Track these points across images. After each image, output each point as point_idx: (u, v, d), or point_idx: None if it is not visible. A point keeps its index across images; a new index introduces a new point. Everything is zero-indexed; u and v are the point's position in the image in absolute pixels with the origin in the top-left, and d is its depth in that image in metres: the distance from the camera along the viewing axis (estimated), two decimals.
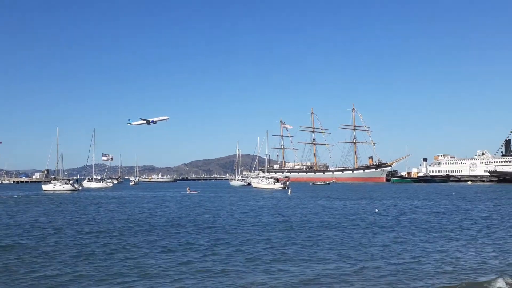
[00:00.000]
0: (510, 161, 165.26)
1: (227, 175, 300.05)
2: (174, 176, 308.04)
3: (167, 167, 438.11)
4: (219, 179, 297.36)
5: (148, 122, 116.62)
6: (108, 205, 50.89)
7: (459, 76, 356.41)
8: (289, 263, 17.35)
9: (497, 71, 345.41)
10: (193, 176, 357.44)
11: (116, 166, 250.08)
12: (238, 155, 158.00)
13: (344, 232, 26.66)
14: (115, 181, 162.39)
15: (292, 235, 24.96)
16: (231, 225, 30.18)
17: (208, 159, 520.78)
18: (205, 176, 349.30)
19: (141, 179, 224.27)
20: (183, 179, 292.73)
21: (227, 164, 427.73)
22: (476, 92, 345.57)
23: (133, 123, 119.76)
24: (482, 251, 20.26)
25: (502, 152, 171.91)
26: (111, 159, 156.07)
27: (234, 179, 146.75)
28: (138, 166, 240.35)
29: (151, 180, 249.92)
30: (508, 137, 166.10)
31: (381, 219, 33.79)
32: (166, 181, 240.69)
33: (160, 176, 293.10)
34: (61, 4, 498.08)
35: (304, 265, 17.08)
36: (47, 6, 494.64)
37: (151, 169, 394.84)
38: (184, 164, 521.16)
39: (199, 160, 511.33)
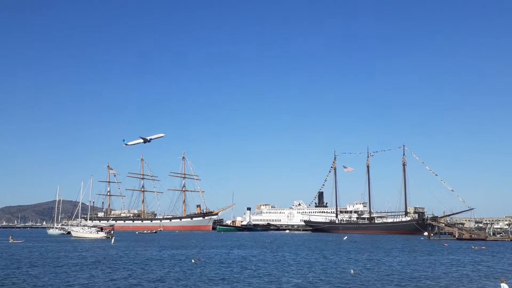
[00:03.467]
0: (322, 212, 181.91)
1: (44, 222, 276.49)
2: None
3: None
4: (35, 227, 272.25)
5: (146, 141, 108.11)
6: None
7: (278, 127, 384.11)
8: None
9: (308, 125, 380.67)
10: (4, 223, 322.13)
11: None
12: (59, 201, 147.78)
13: None
14: None
15: None
16: None
17: (24, 205, 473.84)
18: (19, 224, 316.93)
19: None
20: None
21: (45, 211, 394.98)
22: (292, 144, 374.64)
23: (129, 143, 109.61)
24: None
25: (315, 203, 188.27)
26: None
27: (52, 227, 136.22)
28: None
29: None
30: (321, 189, 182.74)
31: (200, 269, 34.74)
32: None
33: None
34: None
35: None
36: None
37: None
38: None
39: (13, 206, 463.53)
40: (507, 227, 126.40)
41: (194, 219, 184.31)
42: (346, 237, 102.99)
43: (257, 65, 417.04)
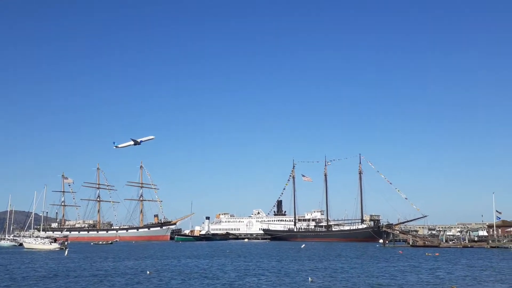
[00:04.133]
0: (281, 220, 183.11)
1: None
2: None
3: None
4: None
5: (137, 143, 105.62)
6: None
7: (236, 136, 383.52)
8: None
9: (267, 134, 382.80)
10: None
11: None
12: (10, 211, 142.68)
13: None
14: None
15: None
16: None
17: None
18: None
19: None
20: None
21: None
22: (254, 154, 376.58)
23: (119, 146, 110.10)
24: None
25: (274, 211, 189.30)
26: None
27: (4, 239, 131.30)
28: None
29: None
30: (279, 198, 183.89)
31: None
32: None
33: None
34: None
35: None
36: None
37: None
38: None
39: None
40: (459, 234, 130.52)
41: (151, 229, 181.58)
42: (304, 245, 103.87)
43: (216, 74, 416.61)
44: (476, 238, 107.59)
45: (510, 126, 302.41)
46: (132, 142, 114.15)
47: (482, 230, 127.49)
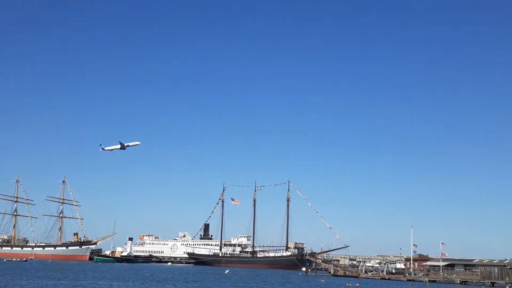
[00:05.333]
0: (207, 244, 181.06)
1: None
2: None
3: None
4: None
5: (123, 147, 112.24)
6: None
7: (165, 155, 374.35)
8: None
9: (197, 155, 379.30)
10: None
11: None
12: None
13: None
14: None
15: None
16: None
17: None
18: None
19: None
20: None
21: None
22: (183, 175, 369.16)
23: (106, 148, 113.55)
24: None
25: (201, 235, 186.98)
26: None
27: None
28: None
29: None
30: (207, 221, 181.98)
31: None
32: None
33: None
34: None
35: None
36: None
37: None
38: None
39: None
40: (378, 265, 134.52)
41: (70, 248, 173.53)
42: (228, 270, 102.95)
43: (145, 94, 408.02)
44: (394, 270, 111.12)
45: (430, 163, 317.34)
46: (119, 146, 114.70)
47: (399, 262, 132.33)
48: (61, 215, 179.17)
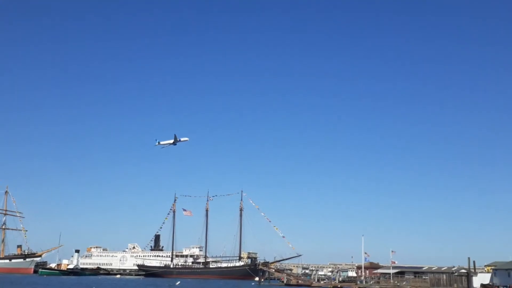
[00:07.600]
0: (157, 255, 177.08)
1: None
2: None
3: None
4: None
5: (176, 141, 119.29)
6: None
7: (113, 162, 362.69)
8: None
9: (147, 164, 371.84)
10: None
11: None
12: None
13: None
14: None
15: None
16: None
17: None
18: None
19: None
20: None
21: None
22: (133, 185, 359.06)
23: (162, 143, 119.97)
24: None
25: (151, 246, 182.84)
26: None
27: None
28: None
29: None
30: (158, 232, 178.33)
31: None
32: None
33: None
34: None
35: None
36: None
37: None
38: None
39: None
40: (331, 274, 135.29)
41: (13, 260, 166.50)
42: (179, 282, 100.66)
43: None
44: (345, 279, 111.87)
45: (380, 174, 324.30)
46: (172, 140, 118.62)
47: (351, 270, 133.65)
48: (3, 227, 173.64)
